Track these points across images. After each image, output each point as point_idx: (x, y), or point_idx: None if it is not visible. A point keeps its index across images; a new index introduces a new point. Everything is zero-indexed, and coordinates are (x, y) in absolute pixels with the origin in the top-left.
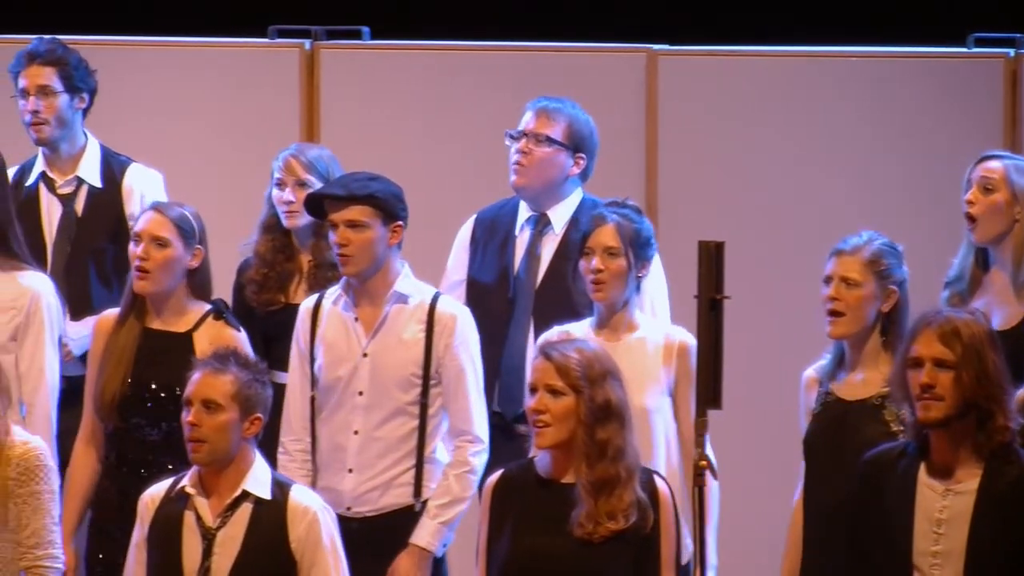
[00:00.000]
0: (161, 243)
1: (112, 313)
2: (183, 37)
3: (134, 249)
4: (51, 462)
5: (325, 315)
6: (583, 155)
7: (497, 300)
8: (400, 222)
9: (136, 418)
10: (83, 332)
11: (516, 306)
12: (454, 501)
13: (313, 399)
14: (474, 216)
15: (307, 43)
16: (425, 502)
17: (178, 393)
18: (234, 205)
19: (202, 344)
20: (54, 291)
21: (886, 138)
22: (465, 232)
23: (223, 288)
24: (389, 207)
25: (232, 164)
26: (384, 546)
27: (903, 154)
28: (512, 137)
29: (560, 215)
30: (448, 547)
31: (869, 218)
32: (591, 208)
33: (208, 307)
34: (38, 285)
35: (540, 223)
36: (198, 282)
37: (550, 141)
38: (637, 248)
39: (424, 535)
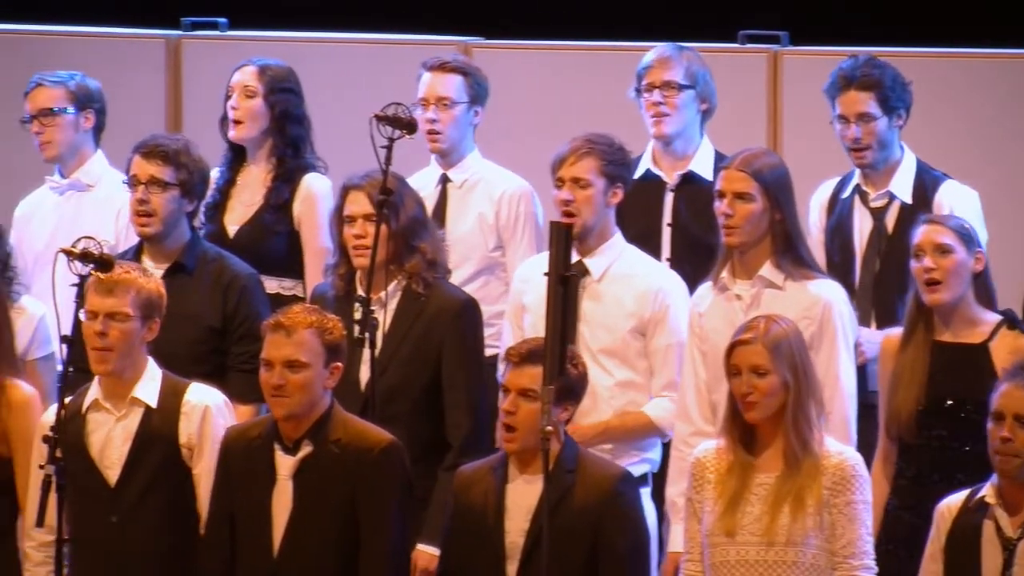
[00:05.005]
0: (944, 251)
1: (897, 332)
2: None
3: (916, 265)
4: (866, 472)
5: None
6: None
7: None
8: None
9: (937, 432)
10: (876, 339)
11: None
12: None
13: None
14: None
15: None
16: None
17: (976, 406)
18: None
19: (1000, 355)
20: (846, 299)
21: None
22: None
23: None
24: None
25: None
26: None
27: None
28: None
29: None
30: None
31: None
32: None
33: (998, 317)
34: (829, 293)
35: None
36: (982, 288)
37: None
38: None
39: None
